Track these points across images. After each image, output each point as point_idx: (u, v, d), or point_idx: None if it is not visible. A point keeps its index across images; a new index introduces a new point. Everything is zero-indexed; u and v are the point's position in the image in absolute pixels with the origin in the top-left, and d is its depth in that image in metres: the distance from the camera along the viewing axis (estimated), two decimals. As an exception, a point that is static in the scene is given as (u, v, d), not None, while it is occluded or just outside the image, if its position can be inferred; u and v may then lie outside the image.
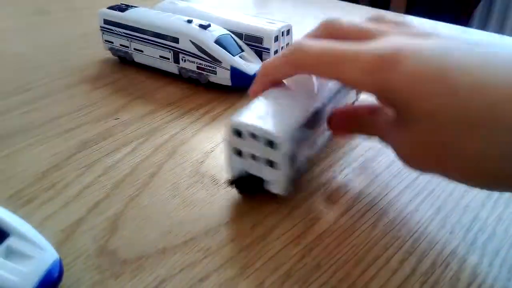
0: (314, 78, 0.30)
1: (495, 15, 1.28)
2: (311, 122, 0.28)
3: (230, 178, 0.28)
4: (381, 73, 0.23)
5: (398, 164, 0.32)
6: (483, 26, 1.26)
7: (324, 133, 0.31)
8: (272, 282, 0.24)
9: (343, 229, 0.27)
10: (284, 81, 0.30)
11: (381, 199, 0.29)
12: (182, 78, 0.43)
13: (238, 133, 0.26)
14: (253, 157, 0.27)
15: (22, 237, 0.22)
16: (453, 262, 0.25)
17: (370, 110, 0.29)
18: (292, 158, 0.27)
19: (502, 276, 0.24)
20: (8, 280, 0.20)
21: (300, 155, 0.28)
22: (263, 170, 0.27)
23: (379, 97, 0.26)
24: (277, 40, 0.42)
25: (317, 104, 0.29)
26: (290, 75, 0.29)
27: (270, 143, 0.25)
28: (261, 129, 0.25)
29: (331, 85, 0.31)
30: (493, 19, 1.27)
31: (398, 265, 0.25)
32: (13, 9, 0.64)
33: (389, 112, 0.26)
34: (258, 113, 0.26)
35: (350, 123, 0.30)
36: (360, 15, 0.29)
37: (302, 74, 0.29)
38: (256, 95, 0.29)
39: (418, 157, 0.24)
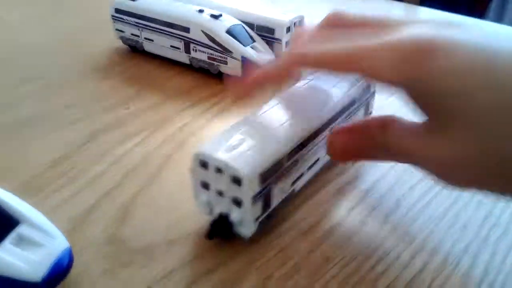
0: (317, 87, 0.28)
1: (511, 7, 1.26)
2: (300, 149, 0.25)
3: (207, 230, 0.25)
4: (415, 63, 0.19)
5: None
6: (498, 19, 1.23)
7: (319, 157, 0.28)
8: (281, 275, 0.24)
9: (353, 223, 0.27)
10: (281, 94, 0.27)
11: (392, 193, 0.29)
12: (192, 68, 0.43)
13: (204, 164, 0.24)
14: (220, 193, 0.24)
15: (33, 225, 0.22)
16: (465, 258, 0.24)
17: (380, 123, 0.23)
18: (265, 197, 0.24)
19: (515, 274, 0.24)
20: (19, 267, 0.20)
21: (277, 191, 0.25)
22: (230, 208, 0.24)
23: (409, 93, 0.21)
24: (289, 31, 0.42)
25: (312, 126, 0.26)
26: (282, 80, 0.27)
27: (236, 180, 0.22)
28: (226, 163, 0.22)
29: (339, 98, 0.28)
30: (508, 11, 1.24)
31: (409, 260, 0.24)
32: (26, -3, 0.64)
33: (408, 122, 0.22)
34: (230, 142, 0.23)
35: (357, 145, 0.25)
36: (373, 9, 0.29)
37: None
38: (238, 98, 0.27)
39: (462, 169, 0.20)
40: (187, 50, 0.42)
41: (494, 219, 0.27)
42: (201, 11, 0.41)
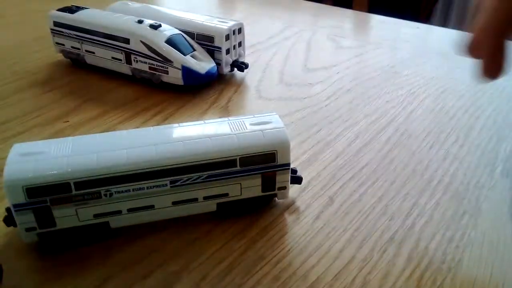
0: None
1: (455, 11, 1.32)
2: (109, 184, 0.24)
3: None
4: None
5: (345, 156, 0.33)
6: (443, 23, 1.29)
7: (154, 204, 0.26)
8: (215, 275, 0.24)
9: (288, 221, 0.27)
10: None
11: (326, 190, 0.30)
12: (135, 79, 0.43)
13: None
14: None
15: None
16: (391, 247, 0.26)
17: None
18: (38, 212, 0.24)
19: (437, 259, 0.25)
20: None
21: (65, 214, 0.24)
22: None
23: None
24: (228, 38, 0.43)
25: (135, 165, 0.24)
26: None
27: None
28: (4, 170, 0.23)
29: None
30: (453, 15, 1.30)
31: (338, 253, 0.25)
32: (-35, 13, 0.63)
33: None
34: (37, 149, 0.24)
35: None
36: (325, 15, 0.30)
37: None
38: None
39: None
40: (129, 61, 0.42)
41: (420, 208, 0.28)
42: (140, 21, 0.42)
